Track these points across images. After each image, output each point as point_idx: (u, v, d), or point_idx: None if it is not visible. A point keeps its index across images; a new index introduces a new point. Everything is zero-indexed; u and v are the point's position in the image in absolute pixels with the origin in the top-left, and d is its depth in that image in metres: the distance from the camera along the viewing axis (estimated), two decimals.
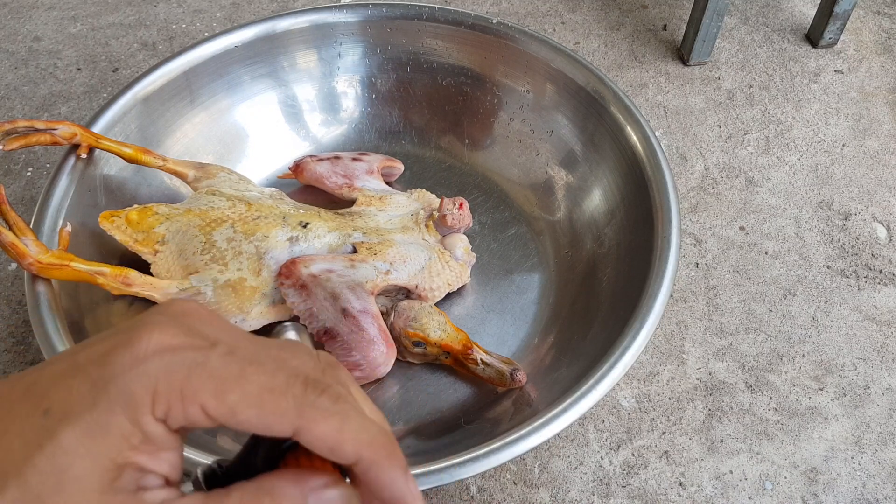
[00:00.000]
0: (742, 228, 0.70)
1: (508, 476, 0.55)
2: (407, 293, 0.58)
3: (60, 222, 0.55)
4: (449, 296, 0.61)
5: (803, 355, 0.62)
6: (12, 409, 0.23)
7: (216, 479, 0.25)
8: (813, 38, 0.87)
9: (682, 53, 0.85)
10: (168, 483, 0.23)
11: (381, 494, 0.23)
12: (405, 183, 0.70)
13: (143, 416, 0.22)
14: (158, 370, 0.22)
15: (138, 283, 0.53)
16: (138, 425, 0.22)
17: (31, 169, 0.74)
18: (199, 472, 0.25)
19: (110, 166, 0.61)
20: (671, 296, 0.57)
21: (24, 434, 0.22)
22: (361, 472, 0.22)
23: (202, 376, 0.22)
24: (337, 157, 0.66)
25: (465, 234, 0.62)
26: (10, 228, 0.51)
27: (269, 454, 0.24)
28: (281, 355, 0.24)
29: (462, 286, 0.61)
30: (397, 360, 0.56)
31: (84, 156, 0.58)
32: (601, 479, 0.55)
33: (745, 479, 0.55)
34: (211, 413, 0.22)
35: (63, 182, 0.57)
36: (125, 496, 0.22)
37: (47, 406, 0.22)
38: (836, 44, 0.87)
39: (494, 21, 0.68)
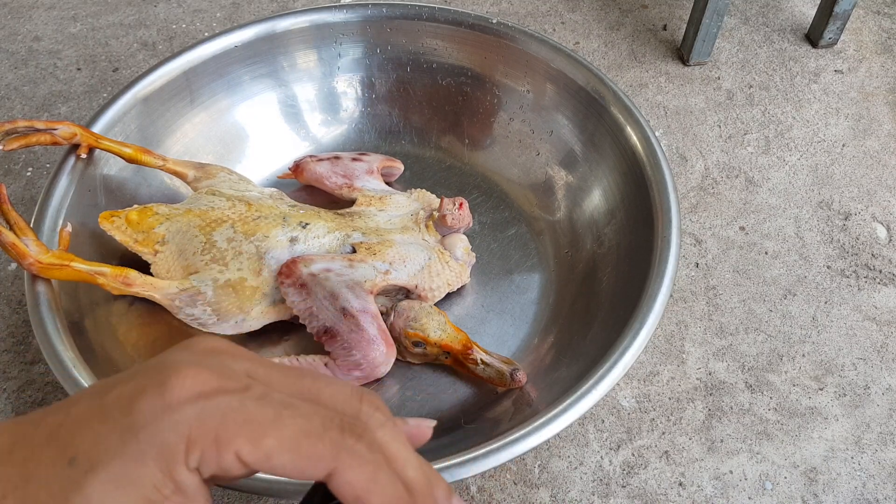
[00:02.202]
0: (742, 228, 0.70)
1: (508, 476, 0.55)
2: (407, 293, 0.58)
3: (60, 222, 0.55)
4: (449, 296, 0.61)
5: (803, 355, 0.62)
6: (35, 454, 0.22)
7: None
8: (813, 38, 0.87)
9: (682, 53, 0.85)
10: None
11: None
12: (405, 183, 0.70)
13: (176, 466, 0.21)
14: (192, 417, 0.21)
15: (138, 283, 0.53)
16: (170, 475, 0.21)
17: (31, 169, 0.74)
18: None
19: (110, 166, 0.61)
20: (671, 296, 0.57)
21: (49, 484, 0.21)
22: None
23: (237, 421, 0.21)
24: (337, 157, 0.66)
25: (465, 234, 0.62)
26: (11, 228, 0.51)
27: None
28: (314, 387, 0.23)
29: (462, 286, 0.61)
30: (397, 360, 0.56)
31: (84, 156, 0.58)
32: (601, 479, 0.55)
33: (745, 479, 0.55)
34: (245, 459, 0.21)
35: (63, 182, 0.57)
36: None
37: (73, 454, 0.21)
38: (836, 44, 0.87)
39: (494, 21, 0.68)
